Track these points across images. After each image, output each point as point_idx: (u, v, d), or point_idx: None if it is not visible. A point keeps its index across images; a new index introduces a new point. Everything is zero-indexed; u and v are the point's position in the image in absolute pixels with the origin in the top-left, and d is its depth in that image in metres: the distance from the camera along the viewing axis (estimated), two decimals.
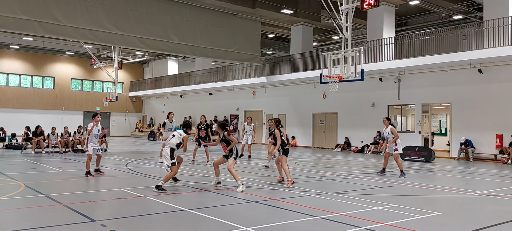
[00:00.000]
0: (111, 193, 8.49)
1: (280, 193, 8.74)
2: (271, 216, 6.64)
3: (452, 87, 19.32)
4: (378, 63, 20.63)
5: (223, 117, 31.87)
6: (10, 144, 20.66)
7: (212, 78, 31.69)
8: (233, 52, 23.34)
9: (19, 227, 5.76)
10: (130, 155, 18.19)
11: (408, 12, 25.01)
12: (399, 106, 22.12)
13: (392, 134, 11.55)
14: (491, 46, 16.95)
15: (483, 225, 6.25)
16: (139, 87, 41.22)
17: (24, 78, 36.94)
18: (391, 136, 11.58)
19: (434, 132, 24.54)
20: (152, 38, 20.26)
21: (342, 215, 6.62)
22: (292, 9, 23.03)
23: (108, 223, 5.92)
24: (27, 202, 7.45)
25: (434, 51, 18.67)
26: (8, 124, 26.55)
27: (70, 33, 18.25)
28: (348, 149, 23.22)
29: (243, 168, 13.32)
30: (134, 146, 25.46)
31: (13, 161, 14.94)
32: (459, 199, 8.67)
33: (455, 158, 18.78)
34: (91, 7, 18.20)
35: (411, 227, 5.89)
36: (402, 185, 10.24)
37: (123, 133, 41.27)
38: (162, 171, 12.16)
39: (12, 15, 16.29)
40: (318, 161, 16.82)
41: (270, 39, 32.33)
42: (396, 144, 11.55)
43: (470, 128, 18.60)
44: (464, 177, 12.65)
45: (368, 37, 22.50)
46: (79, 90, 39.64)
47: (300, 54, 24.96)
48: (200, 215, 6.50)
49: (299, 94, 26.47)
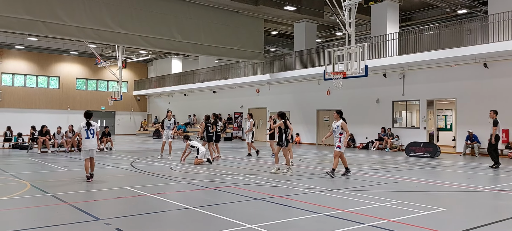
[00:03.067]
0: (116, 192, 8.53)
1: (285, 190, 8.75)
2: (276, 213, 6.64)
3: (457, 83, 19.20)
4: (382, 59, 20.54)
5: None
6: (16, 143, 20.80)
7: (216, 76, 31.71)
8: (237, 50, 23.33)
9: (25, 226, 5.81)
10: (135, 153, 18.26)
11: (412, 7, 24.87)
12: (404, 102, 22.01)
13: (342, 129, 10.55)
14: (496, 41, 16.81)
15: (489, 221, 6.21)
16: (144, 86, 41.34)
17: (30, 78, 37.17)
18: (339, 131, 10.58)
19: (439, 127, 24.41)
20: (155, 37, 20.29)
21: (346, 211, 6.61)
22: (295, 6, 22.97)
23: (113, 221, 5.95)
24: (33, 201, 7.51)
25: (438, 46, 18.56)
26: (14, 124, 26.70)
27: (74, 33, 18.33)
28: (352, 146, 23.16)
29: (249, 165, 13.33)
30: (139, 144, 25.56)
31: (19, 160, 15.05)
32: (464, 194, 8.63)
33: (460, 153, 18.68)
34: (95, 6, 18.25)
35: (416, 223, 5.87)
36: (407, 181, 10.21)
37: (128, 132, 41.44)
38: (159, 168, 12.21)
39: (16, 15, 16.38)
40: (322, 158, 16.80)
41: (273, 36, 32.29)
42: (340, 140, 10.56)
43: (476, 123, 18.48)
44: (470, 172, 12.58)
45: (372, 33, 22.40)
46: (84, 89, 39.83)
47: (303, 51, 24.91)
48: (205, 213, 6.51)
49: (303, 91, 26.42)
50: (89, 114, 9.90)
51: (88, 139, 9.65)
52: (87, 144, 9.66)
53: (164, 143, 15.47)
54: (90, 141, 9.67)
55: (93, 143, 9.72)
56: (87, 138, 9.64)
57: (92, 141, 9.70)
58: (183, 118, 36.51)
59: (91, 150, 9.72)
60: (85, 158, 9.73)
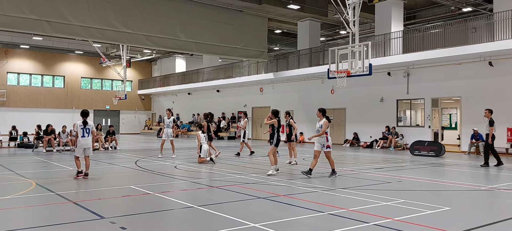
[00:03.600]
0: (121, 191, 8.57)
1: (288, 189, 8.75)
2: (279, 212, 6.64)
3: (462, 81, 19.10)
4: (386, 58, 20.46)
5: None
6: (22, 142, 20.93)
7: (219, 75, 31.74)
8: (240, 49, 23.34)
9: (31, 224, 5.85)
10: (139, 152, 18.32)
11: (417, 5, 24.75)
12: (408, 101, 21.93)
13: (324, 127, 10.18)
14: (501, 39, 16.71)
15: (494, 220, 6.19)
16: (148, 85, 41.46)
17: (35, 78, 37.37)
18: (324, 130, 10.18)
19: (444, 126, 24.31)
20: (159, 36, 20.35)
21: (350, 210, 6.60)
22: (299, 4, 22.93)
23: (118, 220, 5.98)
24: (38, 200, 7.55)
25: (443, 44, 18.46)
26: (20, 123, 26.93)
27: (78, 32, 18.42)
28: (357, 144, 23.11)
29: (250, 163, 13.35)
30: (144, 143, 25.63)
31: (25, 159, 15.14)
32: (469, 193, 8.59)
33: (465, 152, 18.59)
34: (99, 6, 18.33)
35: (421, 222, 5.85)
36: (411, 180, 10.18)
37: (132, 131, 41.58)
38: (163, 166, 12.24)
39: (21, 15, 16.50)
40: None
41: (277, 35, 32.25)
42: (327, 140, 10.19)
43: (481, 121, 18.28)
44: (475, 171, 12.52)
45: (376, 31, 22.32)
46: (89, 89, 40.01)
47: (307, 50, 24.86)
48: (209, 211, 6.53)
49: (307, 90, 26.39)
50: (86, 113, 10.04)
51: (83, 137, 9.84)
52: (83, 142, 9.83)
53: (163, 142, 15.52)
54: (85, 139, 9.85)
55: (88, 142, 9.90)
56: (83, 137, 9.83)
57: (87, 139, 9.87)
58: (187, 117, 36.58)
59: (86, 148, 9.89)
60: (78, 155, 9.91)
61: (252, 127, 30.71)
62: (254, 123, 30.49)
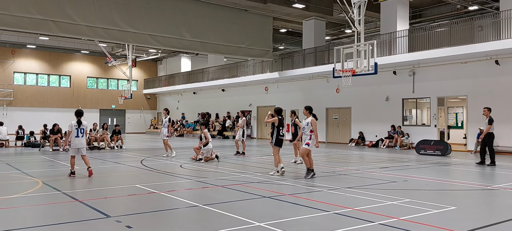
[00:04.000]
0: (126, 189, 8.61)
1: (293, 188, 8.75)
2: (284, 211, 6.65)
3: (468, 80, 18.98)
4: (391, 57, 20.38)
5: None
6: (29, 142, 21.08)
7: (224, 75, 31.77)
8: (245, 48, 23.35)
9: (37, 223, 5.90)
10: (145, 151, 18.39)
11: (422, 4, 24.62)
12: (414, 100, 21.83)
13: (312, 125, 9.97)
14: (508, 37, 16.57)
15: (500, 219, 6.15)
16: (153, 84, 41.60)
17: (41, 77, 37.63)
18: (309, 128, 9.98)
19: (450, 125, 24.16)
20: (165, 36, 20.41)
21: (355, 210, 6.58)
22: (304, 3, 22.90)
23: (123, 219, 6.01)
24: (44, 198, 7.61)
25: (449, 43, 18.36)
26: (26, 122, 27.13)
27: (84, 32, 18.53)
28: (362, 144, 23.04)
29: (254, 163, 13.36)
30: (149, 142, 25.73)
31: (31, 158, 15.26)
32: (475, 192, 8.54)
33: (472, 151, 18.47)
34: (105, 5, 18.43)
35: (426, 222, 5.83)
36: (417, 179, 10.14)
37: (138, 130, 41.74)
38: (172, 166, 12.28)
39: (28, 15, 16.64)
40: (332, 156, 16.74)
41: (282, 34, 32.23)
42: (311, 138, 9.96)
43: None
44: (481, 170, 12.43)
45: (381, 30, 22.23)
46: (95, 88, 40.21)
47: (312, 49, 24.82)
48: (214, 210, 6.54)
49: (312, 89, 26.34)
50: (80, 113, 10.15)
51: (77, 137, 9.95)
52: (76, 142, 9.95)
53: (164, 141, 15.72)
54: (79, 139, 9.97)
55: (82, 142, 10.03)
56: (77, 137, 9.94)
57: (81, 139, 10.00)
58: (193, 116, 36.66)
59: (80, 148, 10.01)
60: (73, 155, 10.04)
61: (257, 126, 30.72)
62: (259, 122, 30.50)
